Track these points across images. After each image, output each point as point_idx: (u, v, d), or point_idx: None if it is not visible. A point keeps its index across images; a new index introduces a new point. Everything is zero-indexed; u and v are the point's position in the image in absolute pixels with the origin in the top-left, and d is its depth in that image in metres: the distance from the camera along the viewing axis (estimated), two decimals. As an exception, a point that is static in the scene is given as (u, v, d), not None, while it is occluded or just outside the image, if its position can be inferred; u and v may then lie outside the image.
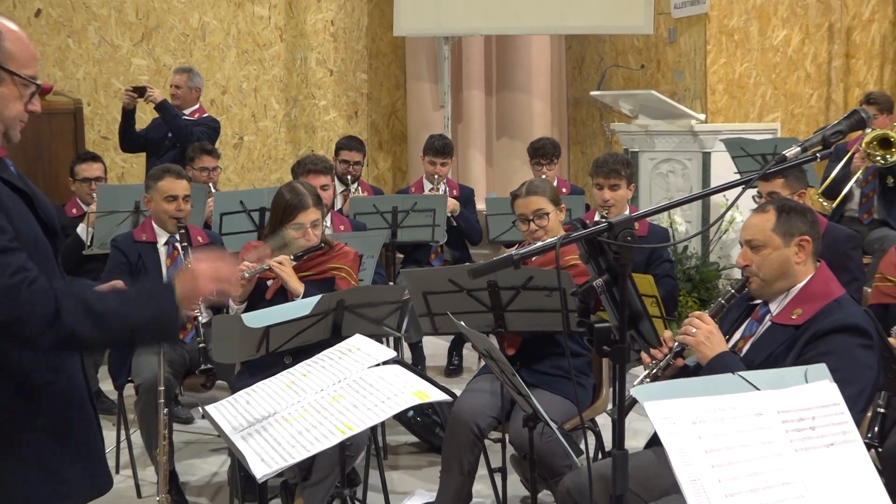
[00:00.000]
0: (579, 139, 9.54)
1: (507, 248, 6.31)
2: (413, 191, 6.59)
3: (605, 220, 2.23)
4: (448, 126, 8.45)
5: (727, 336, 3.05)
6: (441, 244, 6.31)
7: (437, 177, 6.50)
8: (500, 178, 9.31)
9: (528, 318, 3.66)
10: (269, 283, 4.10)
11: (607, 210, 4.79)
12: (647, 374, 3.02)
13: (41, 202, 2.24)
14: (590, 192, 5.87)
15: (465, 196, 6.65)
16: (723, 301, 3.10)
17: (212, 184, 6.34)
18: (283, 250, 3.95)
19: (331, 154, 6.82)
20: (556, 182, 6.31)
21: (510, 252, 2.36)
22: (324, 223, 5.09)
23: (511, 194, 4.24)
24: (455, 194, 6.53)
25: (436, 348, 6.56)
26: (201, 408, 2.76)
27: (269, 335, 3.49)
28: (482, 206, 6.78)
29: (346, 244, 4.30)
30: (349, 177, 6.46)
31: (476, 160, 9.28)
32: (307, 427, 2.35)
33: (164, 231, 4.72)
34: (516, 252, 2.31)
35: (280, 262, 4.01)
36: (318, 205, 4.11)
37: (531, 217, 4.05)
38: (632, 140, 7.38)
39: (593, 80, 8.96)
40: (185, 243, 4.65)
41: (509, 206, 4.32)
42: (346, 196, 6.36)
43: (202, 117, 7.15)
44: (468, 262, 6.16)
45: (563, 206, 4.22)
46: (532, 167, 6.68)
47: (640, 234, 4.67)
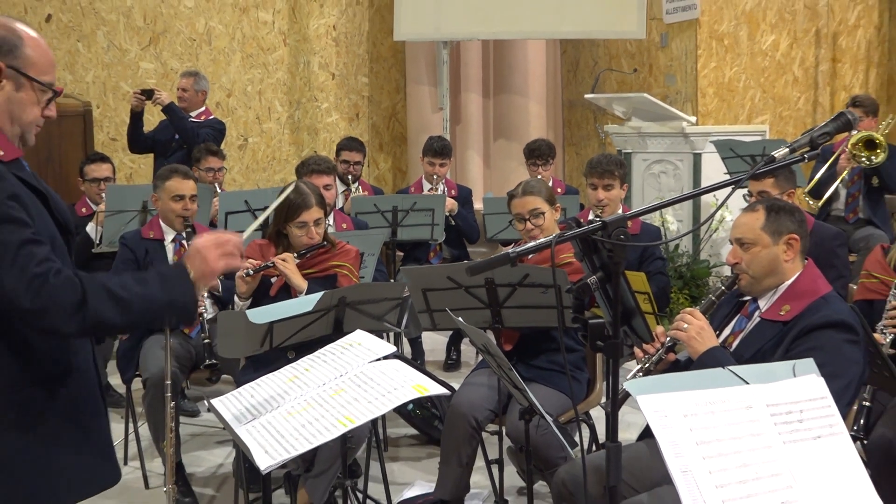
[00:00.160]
0: (574, 141, 9.54)
1: (503, 246, 6.31)
2: (413, 191, 6.59)
3: (598, 219, 2.23)
4: (447, 128, 8.45)
5: (717, 332, 3.04)
6: (440, 242, 6.31)
7: (435, 177, 6.50)
8: (497, 178, 9.30)
9: (524, 314, 3.66)
10: (274, 280, 4.10)
11: (601, 209, 4.79)
12: (640, 368, 3.02)
13: (56, 201, 2.25)
14: (584, 192, 5.86)
15: (463, 196, 6.65)
16: (713, 298, 3.10)
17: (217, 184, 6.34)
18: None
19: (332, 155, 6.81)
20: (551, 182, 6.30)
21: (507, 250, 2.36)
22: (327, 222, 5.10)
23: (508, 194, 4.24)
24: (453, 194, 6.53)
25: (435, 344, 6.56)
26: (207, 401, 2.76)
27: (273, 331, 3.49)
28: (480, 205, 6.77)
29: (348, 242, 4.30)
30: (350, 176, 6.46)
31: (474, 161, 9.28)
32: (310, 420, 2.35)
33: (171, 229, 4.72)
34: (513, 250, 2.31)
35: (284, 260, 4.01)
36: (321, 204, 4.11)
37: (527, 216, 4.05)
38: (625, 141, 7.38)
39: (587, 84, 8.95)
40: (192, 241, 4.64)
41: (506, 206, 4.32)
42: (346, 195, 6.36)
43: (208, 119, 7.15)
44: (466, 260, 6.16)
45: (559, 205, 4.22)
46: (528, 168, 6.67)
47: (632, 233, 4.66)
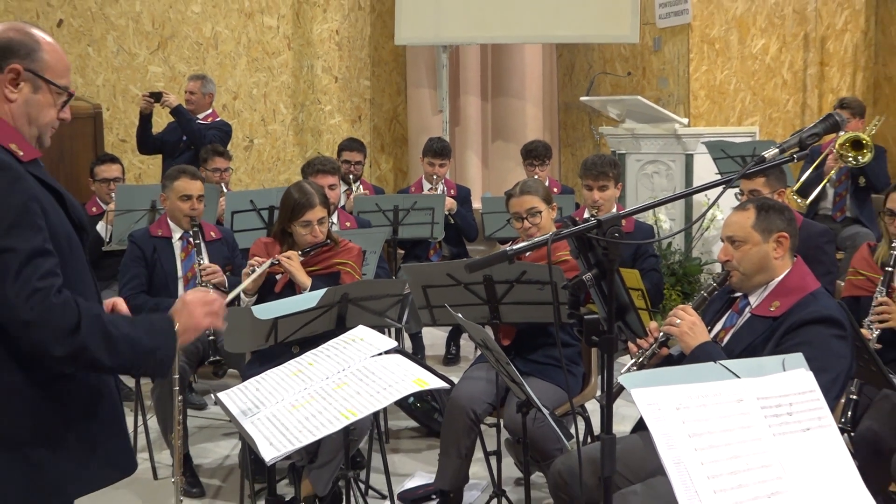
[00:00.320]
0: (570, 142, 9.53)
1: (501, 244, 6.30)
2: (413, 190, 6.59)
3: (594, 218, 2.23)
4: (446, 129, 8.45)
5: (709, 327, 3.04)
6: (439, 241, 6.31)
7: (435, 177, 6.50)
8: (495, 178, 9.31)
9: (521, 310, 3.66)
10: (278, 277, 4.10)
11: (597, 209, 4.79)
12: (634, 362, 3.02)
13: (71, 201, 2.24)
14: (579, 192, 5.86)
15: (462, 195, 6.65)
16: (705, 294, 3.10)
17: (224, 184, 6.34)
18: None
19: (334, 156, 6.81)
20: (547, 182, 6.31)
21: (505, 248, 2.35)
22: (331, 220, 5.09)
23: (505, 193, 4.23)
24: (453, 194, 6.53)
25: (434, 339, 6.56)
26: (214, 395, 2.76)
27: (278, 326, 3.49)
28: (478, 204, 6.77)
29: (351, 241, 4.29)
30: (351, 176, 6.46)
31: (472, 162, 9.28)
32: (313, 413, 2.35)
33: (179, 227, 4.72)
34: (510, 248, 2.31)
35: (288, 258, 4.01)
36: (325, 203, 4.11)
37: (525, 215, 4.05)
38: (619, 142, 7.37)
39: (583, 87, 8.95)
40: (199, 241, 4.65)
41: (504, 205, 4.31)
42: (348, 194, 6.36)
43: (215, 121, 7.14)
44: (465, 258, 6.16)
45: (555, 204, 4.22)
46: (525, 168, 6.67)
47: (626, 231, 4.66)
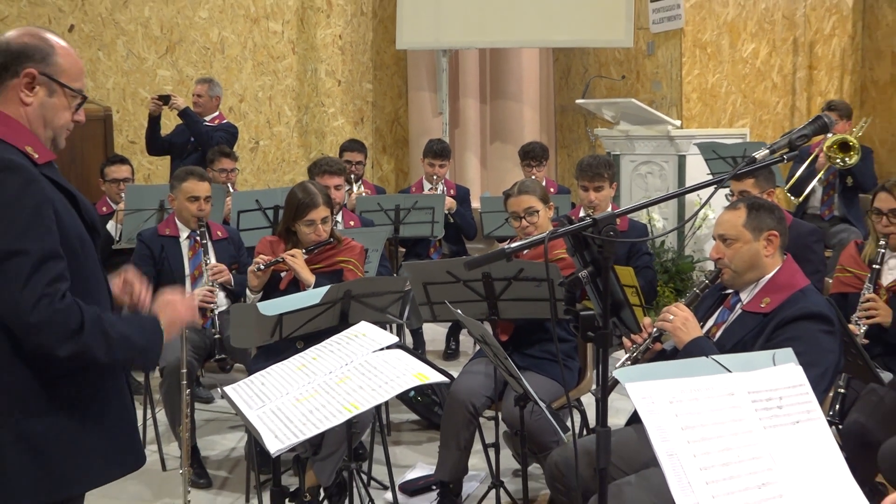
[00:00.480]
0: (566, 143, 9.52)
1: (499, 242, 6.29)
2: (414, 190, 6.59)
3: (589, 217, 2.23)
4: (446, 131, 8.44)
5: (701, 323, 3.04)
6: (439, 239, 6.31)
7: (435, 178, 6.50)
8: (493, 178, 9.30)
9: (519, 306, 3.66)
10: (283, 274, 4.10)
11: (592, 209, 4.78)
12: (629, 357, 3.02)
13: (83, 202, 2.24)
14: (575, 192, 5.85)
15: (462, 195, 6.65)
16: (697, 291, 3.10)
17: (230, 184, 6.34)
18: None
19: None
20: (544, 182, 6.29)
21: (503, 246, 2.35)
22: (336, 219, 5.09)
23: (504, 193, 4.23)
24: (452, 193, 6.53)
25: (435, 334, 6.56)
26: (220, 388, 2.75)
27: (283, 322, 3.49)
28: (477, 204, 6.76)
29: (353, 239, 4.29)
30: (352, 175, 6.45)
31: (471, 162, 9.27)
32: (317, 406, 2.35)
33: (186, 227, 4.71)
34: (508, 246, 2.30)
35: (293, 256, 4.01)
36: (328, 203, 4.11)
37: (522, 214, 4.05)
38: (614, 144, 7.36)
39: (578, 90, 8.94)
40: (206, 241, 4.65)
41: (502, 205, 4.31)
42: (349, 193, 6.35)
43: (221, 123, 7.14)
44: (464, 256, 6.15)
45: (552, 204, 4.21)
46: (523, 168, 6.67)
47: (621, 230, 4.61)
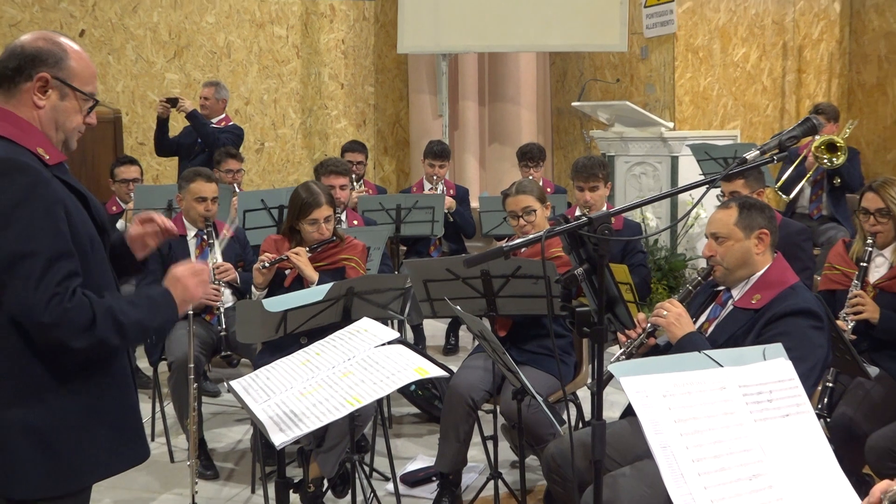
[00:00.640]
0: (562, 145, 9.52)
1: (498, 241, 6.30)
2: (415, 190, 6.58)
3: (585, 216, 2.22)
4: (446, 133, 8.43)
5: (694, 318, 3.03)
6: (439, 237, 6.30)
7: (435, 178, 6.49)
8: (491, 179, 9.29)
9: (516, 303, 3.65)
10: (288, 272, 4.09)
11: (588, 209, 4.78)
12: (623, 352, 3.01)
13: (94, 202, 2.23)
14: (571, 192, 5.85)
15: (461, 195, 6.64)
16: (690, 287, 3.09)
17: (236, 184, 6.33)
18: None
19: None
20: (541, 182, 6.28)
21: (501, 244, 2.35)
22: (340, 218, 5.09)
23: (502, 193, 4.22)
24: (452, 193, 6.52)
25: (435, 330, 6.56)
26: (227, 383, 2.75)
27: (287, 318, 3.48)
28: (476, 203, 6.75)
29: (356, 238, 4.29)
30: (353, 175, 6.45)
31: (470, 163, 9.27)
32: (320, 400, 2.34)
33: (194, 226, 4.71)
34: (506, 244, 2.30)
35: (297, 254, 4.00)
36: (330, 203, 4.10)
37: (520, 213, 4.04)
38: (608, 145, 7.36)
39: (574, 93, 8.94)
40: (212, 239, 4.65)
41: (500, 204, 4.31)
42: (350, 192, 6.35)
43: (228, 125, 7.13)
44: (464, 254, 6.15)
45: (549, 203, 4.21)
46: (520, 169, 6.66)
47: (615, 229, 4.65)
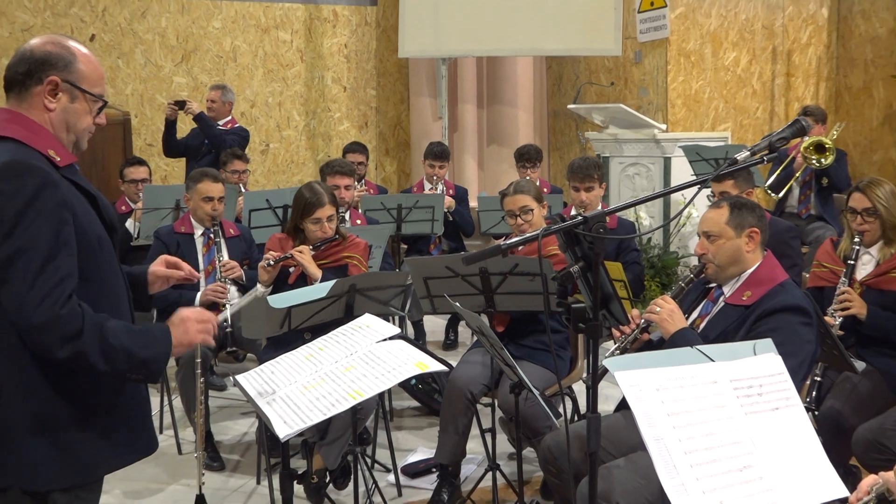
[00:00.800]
0: (558, 146, 9.51)
1: (496, 239, 6.29)
2: (415, 190, 6.58)
3: (580, 215, 2.22)
4: (445, 135, 8.43)
5: (686, 315, 3.03)
6: (439, 236, 6.29)
7: (435, 178, 6.49)
8: (490, 179, 9.29)
9: (514, 299, 3.65)
10: (292, 269, 4.09)
11: (583, 208, 4.77)
12: (617, 347, 3.01)
13: (103, 202, 2.22)
14: (567, 192, 5.84)
15: (460, 195, 6.64)
16: (682, 284, 3.09)
17: (242, 184, 6.33)
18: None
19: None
20: (538, 183, 6.28)
21: (499, 243, 2.34)
22: (344, 217, 5.08)
23: (500, 193, 4.22)
24: (451, 193, 6.51)
25: (435, 326, 6.55)
26: (233, 377, 2.74)
27: (291, 314, 3.48)
28: (475, 203, 6.75)
29: (358, 236, 4.28)
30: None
31: (469, 164, 9.26)
32: (324, 393, 2.34)
33: (201, 225, 4.70)
34: (504, 243, 2.30)
35: (301, 252, 4.00)
36: (333, 202, 4.10)
37: (517, 212, 4.04)
38: (603, 146, 7.35)
39: (570, 96, 8.93)
40: (219, 238, 4.65)
41: (499, 204, 4.30)
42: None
43: (234, 127, 7.12)
44: (463, 252, 6.15)
45: (545, 203, 4.21)
46: (518, 170, 6.66)
47: (610, 227, 4.63)
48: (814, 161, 6.17)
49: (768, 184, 6.48)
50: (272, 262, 4.00)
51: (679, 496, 1.77)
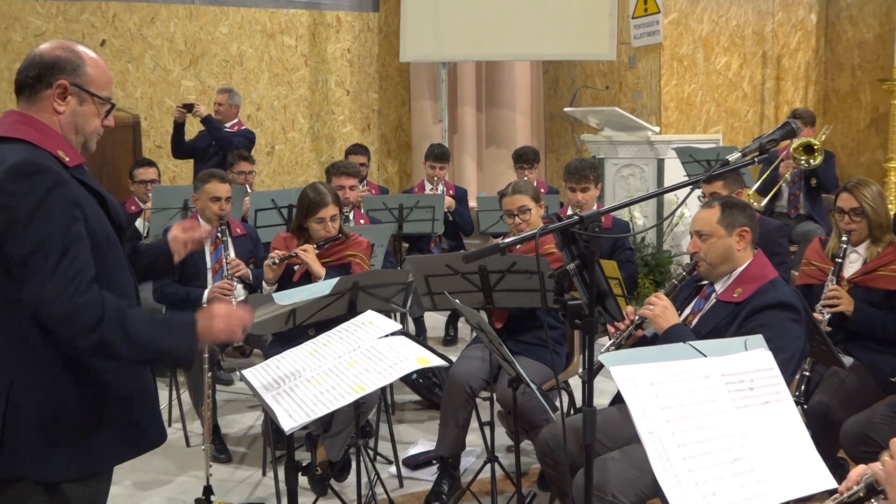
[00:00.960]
0: (555, 148, 9.51)
1: (494, 238, 6.29)
2: (416, 191, 6.58)
3: (576, 215, 2.21)
4: (445, 137, 8.43)
5: (679, 311, 3.03)
6: (439, 235, 6.29)
7: (436, 179, 6.48)
8: (488, 180, 9.28)
9: (512, 296, 3.64)
10: (296, 268, 4.09)
11: (579, 208, 4.77)
12: (612, 343, 3.01)
13: (111, 202, 2.21)
14: (564, 192, 5.84)
15: (460, 195, 6.63)
16: (675, 282, 3.08)
17: (248, 185, 6.32)
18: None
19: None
20: (535, 183, 6.28)
21: (497, 241, 2.34)
22: (348, 217, 5.07)
23: (499, 193, 4.22)
24: (451, 194, 6.51)
25: (435, 322, 6.55)
26: (239, 372, 2.74)
27: (296, 311, 3.47)
28: (474, 203, 6.75)
29: (361, 235, 4.28)
30: None
31: (469, 165, 9.25)
32: (327, 388, 2.33)
33: (209, 224, 4.69)
34: (502, 241, 2.29)
35: (305, 250, 3.99)
36: (336, 202, 4.09)
37: (516, 212, 4.03)
38: (598, 148, 7.35)
39: (566, 99, 8.92)
40: (226, 237, 4.64)
41: (497, 204, 4.30)
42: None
43: (240, 129, 7.12)
44: (462, 250, 6.14)
45: (542, 203, 4.20)
46: (516, 171, 6.65)
47: (605, 227, 4.64)
48: (803, 161, 6.17)
49: (754, 188, 6.47)
50: (277, 261, 3.99)
51: (672, 488, 1.77)
